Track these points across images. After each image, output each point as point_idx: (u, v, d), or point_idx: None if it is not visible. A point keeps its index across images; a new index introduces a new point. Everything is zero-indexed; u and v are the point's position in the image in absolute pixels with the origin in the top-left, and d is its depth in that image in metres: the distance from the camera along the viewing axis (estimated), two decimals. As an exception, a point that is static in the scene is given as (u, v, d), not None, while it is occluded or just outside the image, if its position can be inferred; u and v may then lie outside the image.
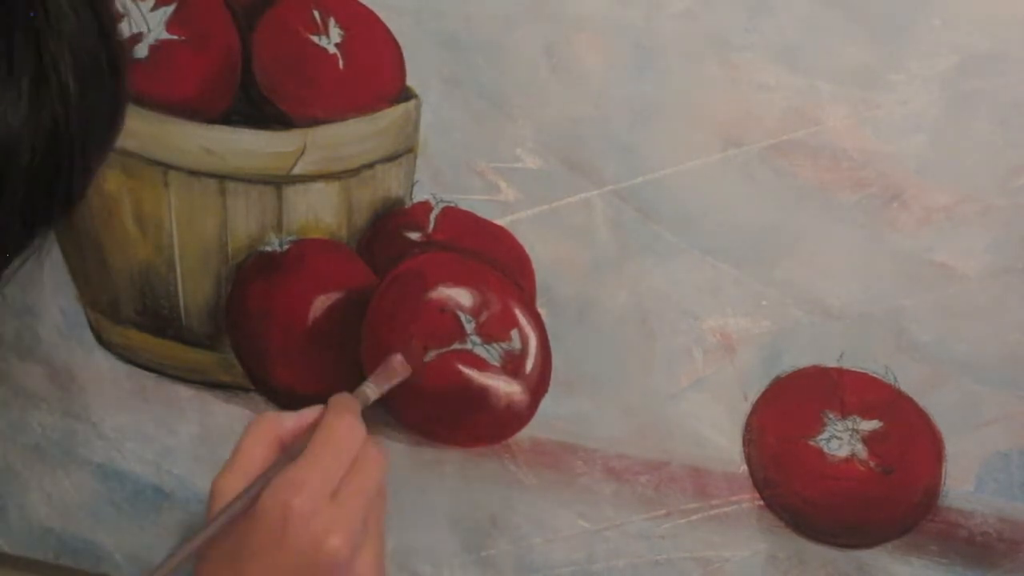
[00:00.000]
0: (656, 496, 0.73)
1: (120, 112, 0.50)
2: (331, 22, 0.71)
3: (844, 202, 0.65)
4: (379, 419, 0.77)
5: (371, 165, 0.73)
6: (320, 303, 0.77)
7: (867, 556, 0.70)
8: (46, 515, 0.89)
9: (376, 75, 0.71)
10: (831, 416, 0.69)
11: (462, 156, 0.71)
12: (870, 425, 0.68)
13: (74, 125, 0.45)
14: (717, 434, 0.71)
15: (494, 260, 0.72)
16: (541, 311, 0.72)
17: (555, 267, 0.71)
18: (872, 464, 0.68)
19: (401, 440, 0.78)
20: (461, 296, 0.73)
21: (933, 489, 0.68)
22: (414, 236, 0.74)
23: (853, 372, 0.68)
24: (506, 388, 0.74)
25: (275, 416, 0.65)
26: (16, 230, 0.47)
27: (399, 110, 0.71)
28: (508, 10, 0.67)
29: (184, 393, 0.82)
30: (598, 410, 0.73)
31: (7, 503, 0.90)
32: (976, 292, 0.64)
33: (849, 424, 0.68)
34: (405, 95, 0.71)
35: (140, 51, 0.74)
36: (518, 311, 0.73)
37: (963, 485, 0.67)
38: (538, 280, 0.72)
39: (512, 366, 0.73)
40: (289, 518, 0.59)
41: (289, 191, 0.74)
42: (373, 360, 0.76)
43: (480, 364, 0.74)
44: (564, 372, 0.73)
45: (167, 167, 0.76)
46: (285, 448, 0.64)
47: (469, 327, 0.73)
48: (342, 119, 0.72)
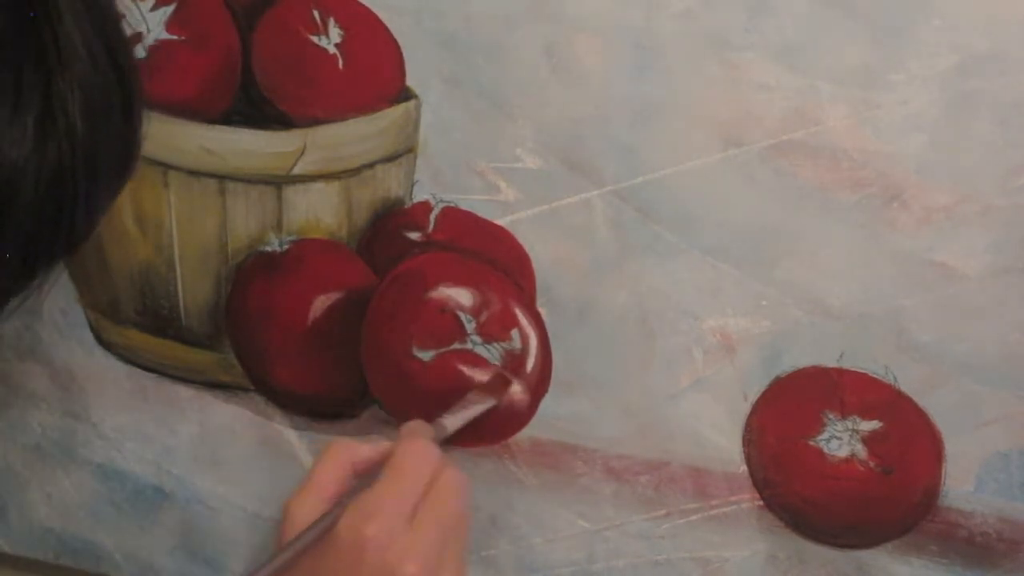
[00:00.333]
0: (656, 496, 0.73)
1: (132, 154, 0.49)
2: (331, 22, 0.71)
3: (844, 202, 0.65)
4: (379, 419, 0.77)
5: (371, 165, 0.73)
6: (320, 303, 0.77)
7: (867, 556, 0.70)
8: (46, 515, 0.89)
9: (376, 75, 0.71)
10: (831, 416, 0.69)
11: (462, 156, 0.71)
12: (870, 425, 0.68)
13: (80, 164, 0.45)
14: (717, 434, 0.71)
15: (494, 260, 0.72)
16: (541, 311, 0.72)
17: (555, 267, 0.71)
18: (872, 464, 0.68)
19: (401, 440, 0.78)
20: (461, 296, 0.73)
21: (933, 489, 0.68)
22: (414, 236, 0.74)
23: (853, 372, 0.68)
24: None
25: (349, 443, 0.63)
26: (17, 268, 0.46)
27: (399, 110, 0.71)
28: (508, 10, 0.67)
29: (184, 393, 0.82)
30: (598, 410, 0.73)
31: (7, 503, 0.89)
32: (976, 292, 0.64)
33: (849, 424, 0.68)
34: (405, 95, 0.71)
35: (140, 51, 0.74)
36: (518, 311, 0.73)
37: (963, 485, 0.67)
38: (538, 280, 0.72)
39: (512, 366, 0.73)
40: (364, 546, 0.58)
41: (289, 191, 0.74)
42: (373, 360, 0.76)
43: (480, 364, 0.74)
44: (564, 372, 0.73)
45: (167, 167, 0.76)
46: (359, 475, 0.63)
47: (469, 327, 0.73)
48: (342, 119, 0.72)
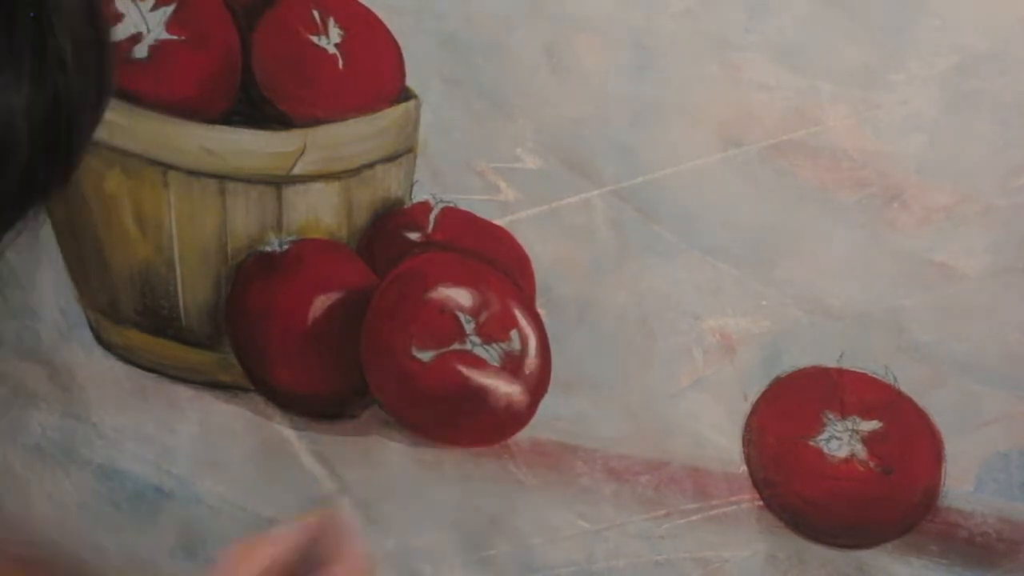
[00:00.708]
0: (656, 496, 0.73)
1: (109, 85, 0.50)
2: (331, 22, 0.71)
3: (844, 202, 0.65)
4: (379, 419, 0.77)
5: (371, 165, 0.73)
6: (320, 303, 0.77)
7: (867, 556, 0.70)
8: (46, 515, 0.89)
9: (376, 75, 0.71)
10: (831, 416, 0.69)
11: (462, 156, 0.71)
12: (870, 425, 0.68)
13: (73, 98, 0.46)
14: (717, 434, 0.71)
15: (494, 260, 0.72)
16: (541, 311, 0.72)
17: (555, 267, 0.71)
18: (872, 464, 0.68)
19: (401, 440, 0.78)
20: (461, 296, 0.73)
21: (933, 489, 0.68)
22: (414, 236, 0.74)
23: (853, 372, 0.68)
24: (506, 388, 0.74)
25: (253, 542, 0.60)
26: (15, 199, 0.47)
27: (399, 110, 0.71)
28: (508, 10, 0.67)
29: (184, 393, 0.82)
30: (598, 410, 0.73)
31: (7, 503, 0.89)
32: (976, 292, 0.64)
33: (849, 424, 0.68)
34: (405, 95, 0.71)
35: (140, 51, 0.74)
36: (518, 311, 0.73)
37: (963, 485, 0.67)
38: (538, 280, 0.72)
39: (512, 366, 0.73)
40: None
41: (289, 191, 0.74)
42: (373, 360, 0.76)
43: (480, 364, 0.74)
44: (564, 372, 0.73)
45: (167, 167, 0.76)
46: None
47: (469, 327, 0.73)
48: (342, 119, 0.72)
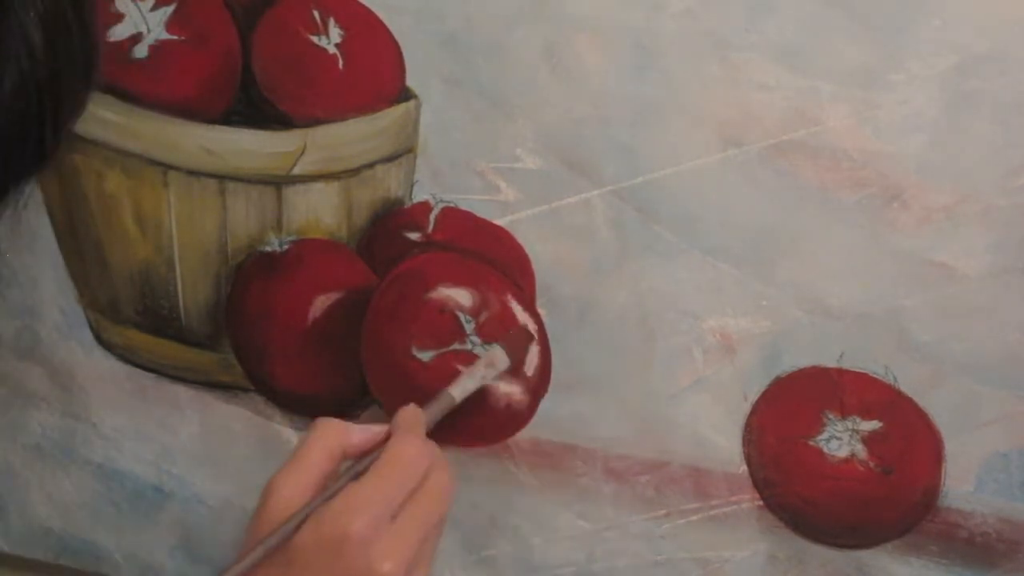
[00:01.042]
0: (656, 496, 0.73)
1: (93, 62, 0.51)
2: (331, 22, 0.71)
3: (844, 202, 0.65)
4: (379, 419, 0.77)
5: (371, 165, 0.73)
6: (320, 303, 0.77)
7: (867, 556, 0.70)
8: (46, 515, 0.89)
9: (376, 75, 0.71)
10: (831, 416, 0.69)
11: (462, 156, 0.71)
12: (870, 425, 0.68)
13: (43, 80, 0.47)
14: (717, 434, 0.71)
15: (494, 260, 0.72)
16: (541, 311, 0.72)
17: (555, 267, 0.71)
18: (872, 464, 0.68)
19: (401, 440, 0.77)
20: (461, 296, 0.73)
21: (933, 489, 0.68)
22: (414, 236, 0.74)
23: (853, 372, 0.68)
24: (506, 388, 0.74)
25: (342, 426, 0.63)
26: None
27: (399, 110, 0.71)
28: (508, 10, 0.67)
29: (184, 393, 0.82)
30: (598, 410, 0.73)
31: (7, 503, 0.89)
32: (976, 292, 0.64)
33: (849, 424, 0.68)
34: (405, 95, 0.71)
35: (140, 51, 0.74)
36: (518, 311, 0.73)
37: (963, 485, 0.67)
38: (538, 280, 0.72)
39: (512, 367, 0.73)
40: (346, 540, 0.58)
41: (289, 191, 0.74)
42: (373, 360, 0.76)
43: (480, 364, 0.74)
44: (564, 372, 0.73)
45: (167, 167, 0.76)
46: (347, 458, 0.62)
47: (469, 327, 0.73)
48: (342, 119, 0.72)
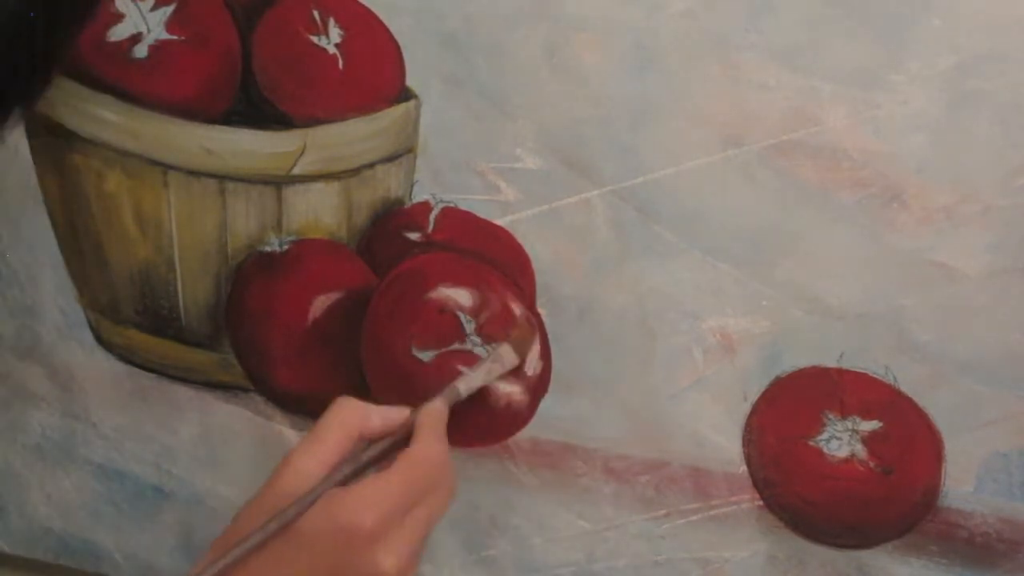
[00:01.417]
0: (656, 496, 0.73)
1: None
2: (331, 22, 0.71)
3: (844, 202, 0.65)
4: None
5: (371, 165, 0.73)
6: (320, 303, 0.77)
7: (867, 556, 0.70)
8: (46, 515, 0.89)
9: (376, 75, 0.71)
10: (831, 416, 0.69)
11: (462, 156, 0.71)
12: (870, 425, 0.68)
13: (38, 9, 0.47)
14: (717, 434, 0.71)
15: (494, 260, 0.72)
16: (541, 311, 0.72)
17: (555, 267, 0.71)
18: (872, 464, 0.68)
19: (401, 440, 0.78)
20: (461, 296, 0.73)
21: (933, 489, 0.68)
22: (414, 236, 0.74)
23: (853, 372, 0.68)
24: (506, 388, 0.74)
25: (363, 408, 0.63)
26: None
27: (399, 110, 0.71)
28: (508, 10, 0.67)
29: (184, 393, 0.82)
30: (598, 410, 0.73)
31: (7, 503, 0.89)
32: (976, 292, 0.64)
33: (849, 424, 0.68)
34: (405, 95, 0.71)
35: (140, 51, 0.74)
36: (518, 311, 0.72)
37: (963, 485, 0.67)
38: (538, 280, 0.72)
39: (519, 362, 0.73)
40: (357, 533, 0.58)
41: (289, 191, 0.74)
42: (373, 360, 0.76)
43: (480, 364, 0.74)
44: (564, 372, 0.73)
45: (167, 167, 0.76)
46: (364, 440, 0.63)
47: (469, 327, 0.73)
48: (342, 119, 0.72)
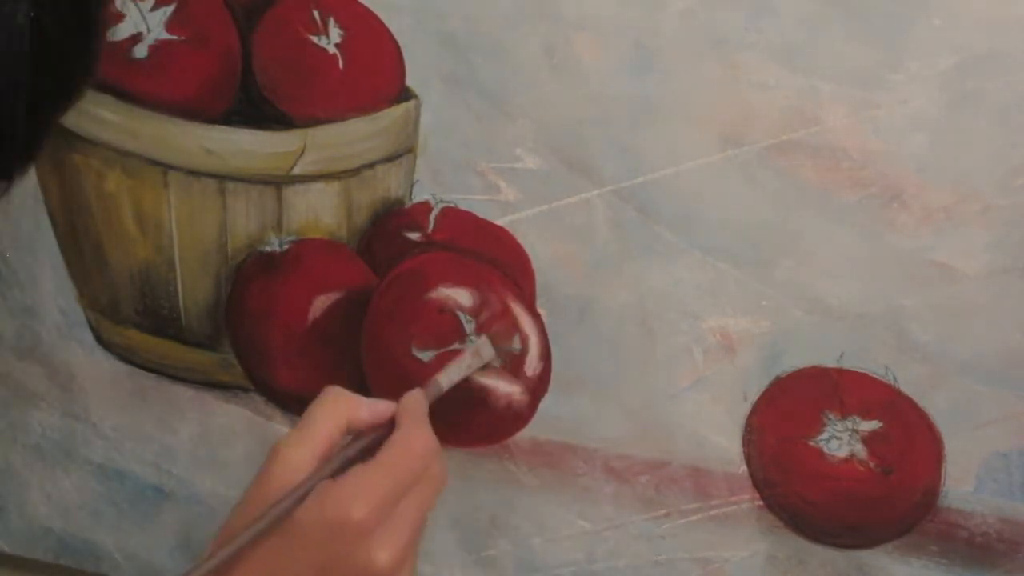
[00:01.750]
0: (656, 496, 0.73)
1: (88, 69, 0.51)
2: (331, 22, 0.71)
3: (844, 202, 0.65)
4: (379, 419, 0.77)
5: (371, 165, 0.73)
6: (320, 303, 0.77)
7: (867, 556, 0.70)
8: (46, 515, 0.89)
9: (376, 75, 0.71)
10: (831, 416, 0.69)
11: (462, 156, 0.71)
12: (870, 425, 0.68)
13: (28, 79, 0.47)
14: (717, 434, 0.71)
15: (494, 260, 0.72)
16: (541, 311, 0.72)
17: (555, 267, 0.71)
18: (872, 464, 0.68)
19: (401, 440, 0.77)
20: (461, 296, 0.73)
21: (933, 489, 0.68)
22: (414, 236, 0.74)
23: (853, 372, 0.68)
24: (506, 388, 0.74)
25: (351, 399, 0.63)
26: None
27: (399, 110, 0.71)
28: (508, 10, 0.67)
29: (184, 393, 0.82)
30: (598, 410, 0.73)
31: (7, 503, 0.89)
32: (976, 292, 0.64)
33: (849, 424, 0.68)
34: (405, 95, 0.71)
35: (140, 51, 0.74)
36: (518, 311, 0.73)
37: (963, 485, 0.67)
38: (538, 280, 0.72)
39: (512, 366, 0.73)
40: (347, 526, 0.58)
41: (289, 191, 0.74)
42: (373, 360, 0.76)
43: (480, 364, 0.74)
44: (564, 372, 0.73)
45: (167, 167, 0.76)
46: (352, 432, 0.63)
47: (469, 327, 0.73)
48: (342, 119, 0.72)
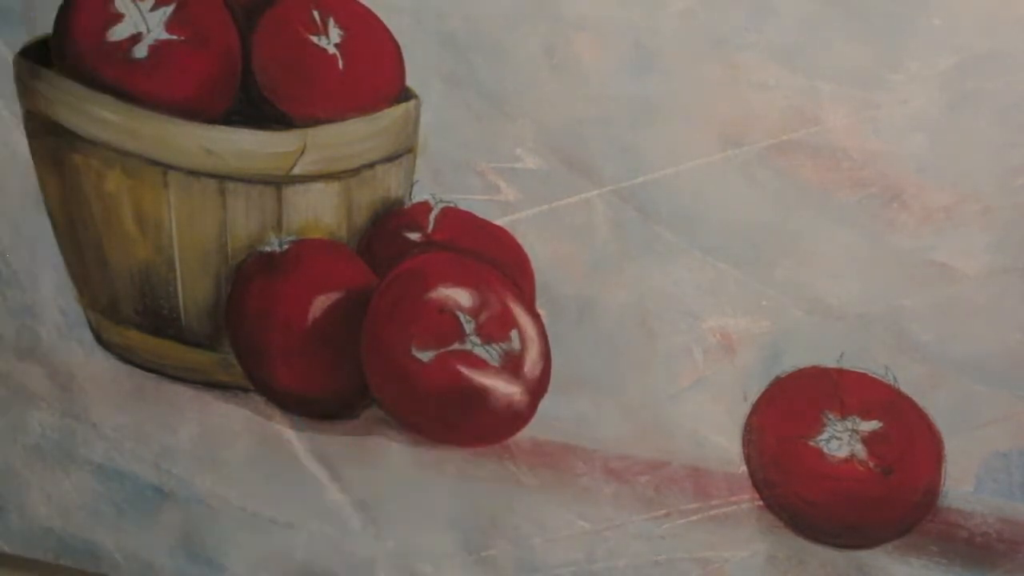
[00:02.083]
0: (656, 496, 0.73)
1: None
2: (331, 22, 0.71)
3: (844, 202, 0.65)
4: (379, 419, 0.77)
5: (371, 165, 0.73)
6: (320, 303, 0.77)
7: (867, 556, 0.70)
8: (46, 515, 0.89)
9: (376, 75, 0.71)
10: (831, 416, 0.69)
11: (462, 156, 0.71)
12: (870, 425, 0.68)
13: None
14: (717, 434, 0.71)
15: (494, 260, 0.72)
16: (541, 311, 0.72)
17: (555, 267, 0.71)
18: (872, 464, 0.68)
19: (401, 440, 0.78)
20: (461, 296, 0.73)
21: (933, 489, 0.68)
22: (414, 236, 0.74)
23: (853, 372, 0.68)
24: (506, 388, 0.74)
25: None
26: None
27: (399, 110, 0.71)
28: (508, 10, 0.67)
29: (184, 393, 0.82)
30: (598, 410, 0.73)
31: (7, 503, 0.90)
32: (976, 292, 0.64)
33: (849, 424, 0.68)
34: (405, 95, 0.71)
35: (140, 51, 0.74)
36: (517, 311, 0.73)
37: (963, 485, 0.67)
38: (538, 280, 0.72)
39: (512, 366, 0.73)
40: None
41: (289, 191, 0.74)
42: (373, 360, 0.76)
43: (480, 364, 0.74)
44: (564, 372, 0.73)
45: (167, 167, 0.76)
46: None
47: (469, 327, 0.73)
48: (342, 119, 0.72)
